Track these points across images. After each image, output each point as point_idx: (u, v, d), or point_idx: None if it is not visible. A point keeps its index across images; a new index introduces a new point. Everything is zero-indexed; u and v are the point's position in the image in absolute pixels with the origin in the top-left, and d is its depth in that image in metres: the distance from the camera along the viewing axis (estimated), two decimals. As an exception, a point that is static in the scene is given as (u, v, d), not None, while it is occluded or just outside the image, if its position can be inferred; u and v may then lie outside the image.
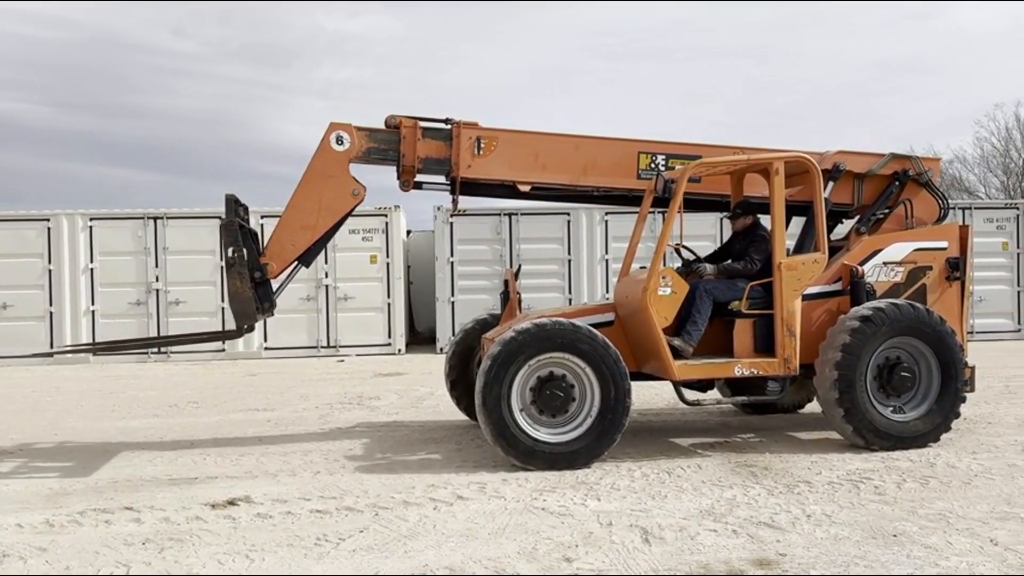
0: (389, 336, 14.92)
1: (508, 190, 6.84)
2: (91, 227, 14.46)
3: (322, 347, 14.81)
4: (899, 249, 6.66)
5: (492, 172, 6.69)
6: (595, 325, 6.09)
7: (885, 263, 6.61)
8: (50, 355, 11.08)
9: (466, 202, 14.47)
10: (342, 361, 14.19)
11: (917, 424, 6.18)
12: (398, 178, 6.74)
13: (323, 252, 15.16)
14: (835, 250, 6.73)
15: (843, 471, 5.57)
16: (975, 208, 16.29)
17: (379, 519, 4.67)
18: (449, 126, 6.61)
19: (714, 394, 6.87)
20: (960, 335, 6.55)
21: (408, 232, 17.11)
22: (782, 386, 6.37)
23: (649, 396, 8.90)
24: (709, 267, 6.55)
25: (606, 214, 14.88)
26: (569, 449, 5.77)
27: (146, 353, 14.33)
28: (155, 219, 14.52)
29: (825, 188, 6.68)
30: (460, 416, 7.56)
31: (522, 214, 15.01)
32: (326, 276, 14.74)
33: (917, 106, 56.28)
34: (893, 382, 6.17)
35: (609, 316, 6.49)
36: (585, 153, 6.77)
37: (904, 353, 6.25)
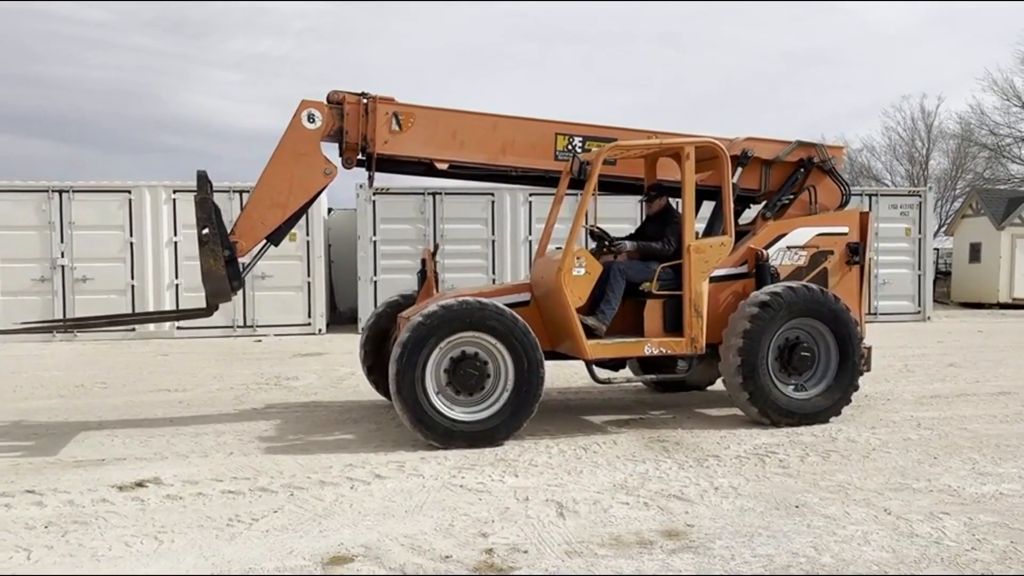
0: (309, 316, 14.70)
1: (425, 168, 6.77)
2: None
3: (239, 327, 14.49)
4: (802, 234, 6.90)
5: (409, 149, 6.61)
6: (511, 305, 6.13)
7: (789, 247, 6.85)
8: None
9: (389, 180, 14.26)
10: (259, 341, 13.92)
11: (818, 400, 6.47)
12: (340, 155, 6.60)
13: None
14: (744, 234, 6.94)
15: (750, 445, 5.78)
16: (881, 195, 17.02)
17: (294, 499, 4.61)
18: (366, 100, 6.50)
19: (625, 372, 7.00)
20: (859, 316, 6.87)
21: (329, 210, 16.84)
22: (689, 364, 6.59)
23: (568, 375, 9.03)
24: (628, 244, 6.70)
25: (530, 195, 14.97)
26: (488, 426, 5.81)
27: (51, 332, 13.75)
28: (60, 192, 13.91)
29: (734, 174, 6.86)
30: (380, 396, 7.52)
31: (446, 194, 14.95)
32: (243, 254, 14.39)
33: (828, 96, 58.30)
34: (794, 362, 6.43)
35: (525, 296, 6.54)
36: (503, 132, 6.76)
37: (804, 333, 6.52)
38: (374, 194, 14.80)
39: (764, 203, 7.19)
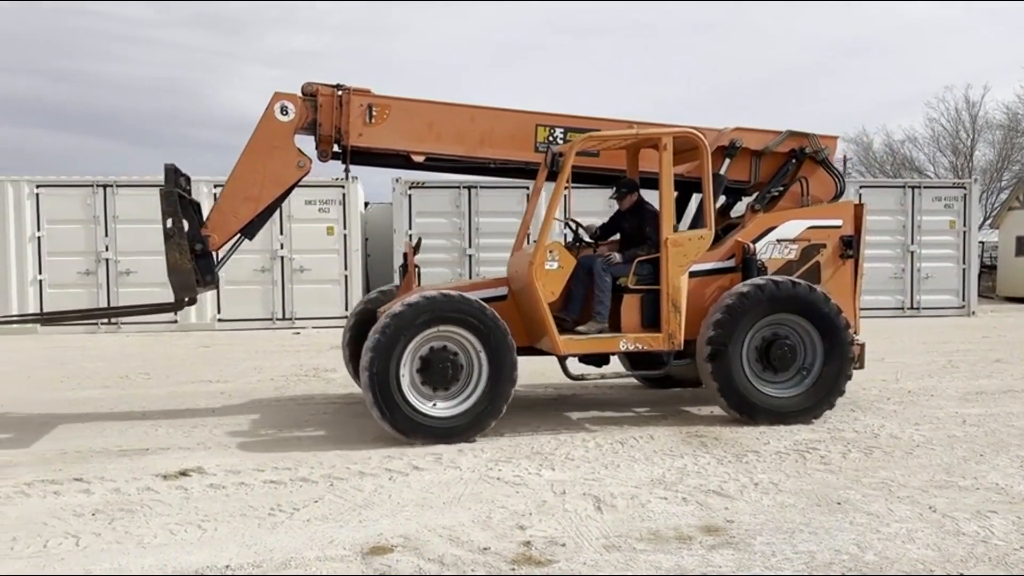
0: (346, 308, 14.82)
1: (402, 160, 6.68)
2: (38, 195, 14.07)
3: (277, 319, 14.67)
4: (793, 227, 6.69)
5: (384, 141, 6.52)
6: (488, 299, 6.06)
7: (779, 240, 6.64)
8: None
9: (425, 175, 14.30)
10: (298, 333, 14.08)
11: (797, 400, 6.25)
12: (316, 147, 6.53)
13: (278, 223, 15.04)
14: (734, 227, 6.80)
15: (790, 441, 5.71)
16: (924, 187, 16.69)
17: (334, 489, 4.67)
18: (340, 92, 6.42)
19: (597, 368, 6.77)
20: (852, 313, 6.66)
21: (366, 204, 16.96)
22: (667, 360, 6.41)
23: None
24: (617, 256, 6.45)
25: (565, 188, 14.88)
26: (461, 421, 5.73)
27: (96, 323, 14.06)
28: (104, 187, 14.18)
29: (722, 165, 6.73)
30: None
31: (481, 187, 14.97)
32: (281, 247, 14.58)
33: (869, 87, 57.18)
34: (772, 358, 6.22)
35: (502, 290, 6.44)
36: (481, 124, 6.65)
37: (788, 330, 6.31)
38: (410, 188, 14.87)
39: (753, 195, 7.00)
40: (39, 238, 14.08)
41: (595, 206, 12.08)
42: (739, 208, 7.32)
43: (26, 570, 3.53)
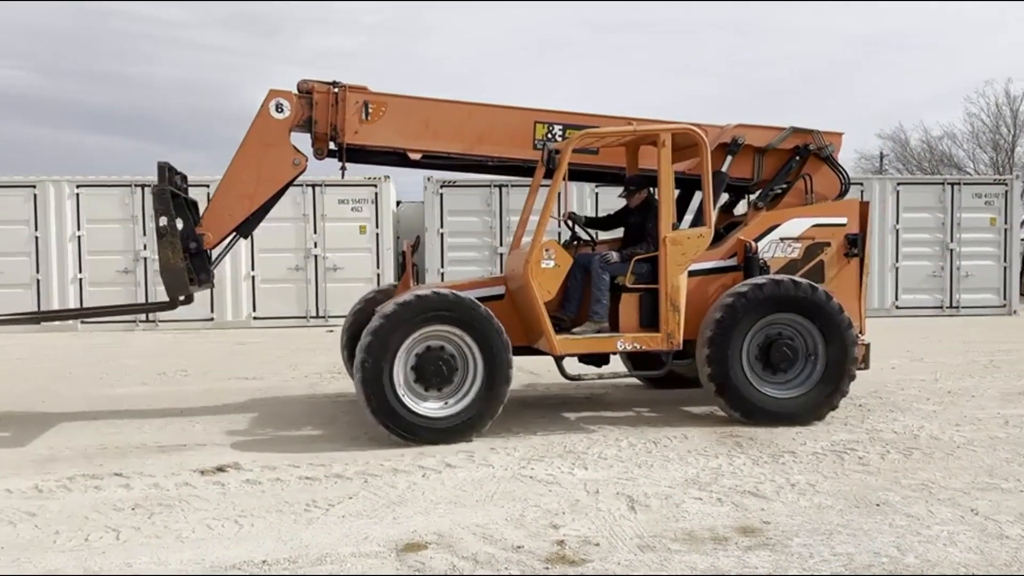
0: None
1: (398, 158, 6.64)
2: (78, 195, 14.34)
3: (311, 317, 14.80)
4: (797, 225, 6.58)
5: (380, 139, 6.48)
6: (484, 298, 6.02)
7: (782, 239, 6.54)
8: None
9: (456, 174, 14.30)
10: (331, 331, 14.18)
11: (798, 401, 6.14)
12: (312, 145, 6.51)
13: (312, 222, 15.18)
14: (737, 225, 6.70)
15: (827, 442, 5.63)
16: (964, 184, 16.36)
17: (368, 486, 4.69)
18: (336, 89, 6.38)
19: (596, 368, 6.70)
20: (857, 313, 6.53)
21: (398, 203, 17.04)
22: (666, 360, 6.32)
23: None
24: (614, 254, 6.38)
25: (596, 187, 14.84)
26: (457, 421, 5.67)
27: (133, 321, 14.29)
28: (142, 187, 14.40)
29: (724, 162, 6.64)
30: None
31: (512, 186, 14.95)
32: (315, 246, 14.70)
33: (906, 81, 56.23)
34: (772, 358, 6.11)
35: (500, 289, 6.38)
36: (479, 122, 6.58)
37: (790, 330, 6.19)
38: (441, 187, 14.92)
39: (756, 193, 6.88)
40: (79, 237, 14.34)
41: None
42: (743, 206, 7.22)
43: (69, 563, 3.60)
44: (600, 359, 6.53)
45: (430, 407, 5.71)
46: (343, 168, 6.63)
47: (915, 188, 16.25)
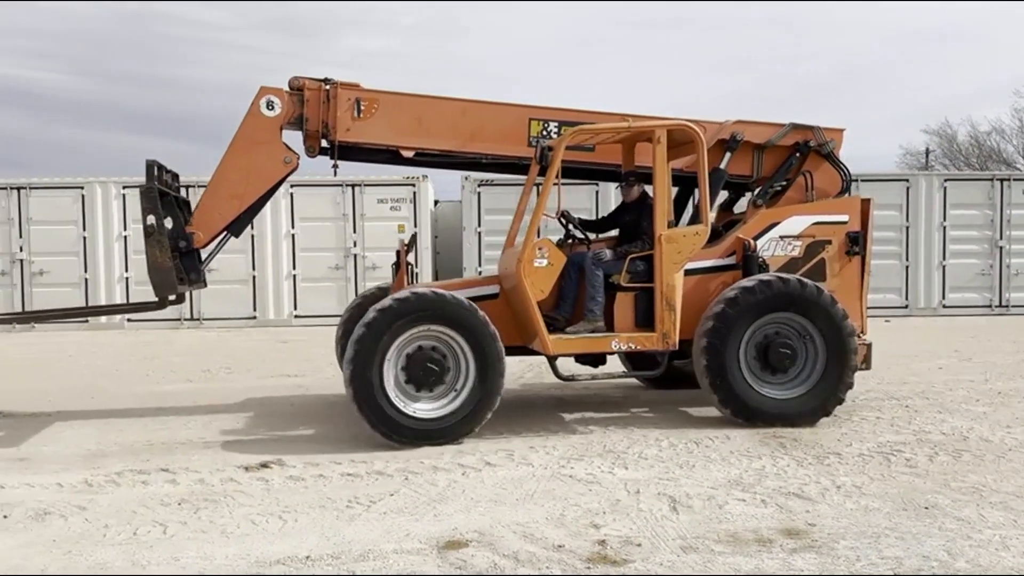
0: (417, 305, 14.98)
1: (391, 155, 6.60)
2: (124, 195, 14.63)
3: (351, 315, 14.92)
4: (797, 222, 6.44)
5: (372, 136, 6.41)
6: (479, 297, 5.96)
7: (782, 237, 6.40)
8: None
9: (492, 173, 14.22)
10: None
11: (798, 402, 6.02)
12: (304, 143, 6.46)
13: (351, 221, 15.30)
14: (737, 223, 6.58)
15: (874, 443, 5.53)
16: (1014, 180, 15.94)
17: (409, 483, 4.72)
18: (328, 86, 6.32)
19: (594, 368, 6.63)
20: (859, 312, 6.40)
21: (436, 202, 17.12)
22: (661, 360, 6.23)
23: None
24: (608, 252, 6.30)
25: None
26: (448, 423, 5.59)
27: (178, 319, 14.55)
28: (188, 187, 14.63)
29: (723, 159, 6.53)
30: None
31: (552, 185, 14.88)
32: (354, 245, 14.82)
33: (952, 76, 54.98)
34: (770, 359, 6.00)
35: (494, 289, 6.30)
36: (473, 119, 6.51)
37: (789, 330, 6.07)
38: (479, 186, 14.94)
39: (756, 190, 6.74)
40: (125, 237, 14.64)
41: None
42: (744, 204, 7.06)
43: (118, 557, 3.68)
44: (596, 359, 6.46)
45: (422, 407, 5.62)
46: (335, 166, 6.58)
47: (963, 184, 15.87)
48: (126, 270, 14.63)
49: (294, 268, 14.82)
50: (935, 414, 6.46)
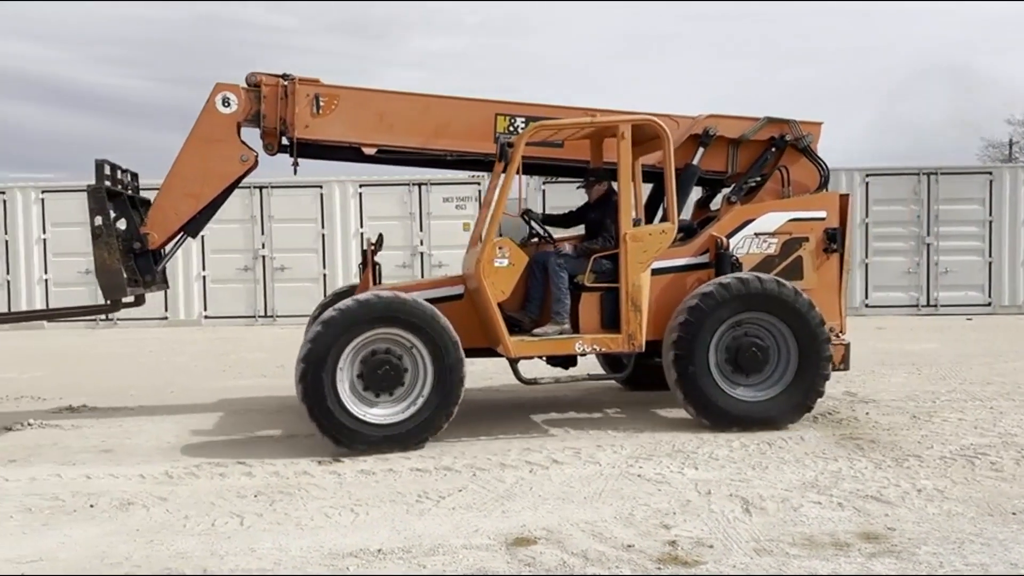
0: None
1: (353, 153, 6.47)
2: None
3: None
4: (773, 219, 6.19)
5: (332, 133, 6.26)
6: (443, 298, 5.86)
7: (757, 234, 6.16)
8: None
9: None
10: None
11: (770, 404, 5.82)
12: (262, 140, 6.36)
13: (418, 220, 15.43)
14: (711, 220, 6.36)
15: (956, 446, 5.32)
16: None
17: (477, 480, 4.75)
18: (286, 82, 6.18)
19: (552, 372, 6.49)
20: (837, 310, 6.16)
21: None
22: (627, 362, 6.06)
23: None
24: (568, 246, 6.12)
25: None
26: (406, 428, 5.44)
27: (252, 316, 14.94)
28: (260, 188, 15.02)
29: (695, 154, 6.32)
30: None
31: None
32: (421, 244, 14.98)
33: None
34: (740, 360, 5.79)
35: (459, 289, 6.15)
36: (437, 115, 6.36)
37: (760, 330, 5.85)
38: (543, 183, 14.92)
39: (730, 187, 6.49)
40: (203, 236, 15.06)
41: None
42: (717, 201, 6.83)
43: (198, 547, 3.80)
44: (567, 360, 6.33)
45: (380, 413, 5.47)
46: (295, 164, 6.47)
47: (1051, 176, 15.14)
48: (203, 268, 15.09)
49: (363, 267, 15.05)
50: (1021, 416, 6.18)
